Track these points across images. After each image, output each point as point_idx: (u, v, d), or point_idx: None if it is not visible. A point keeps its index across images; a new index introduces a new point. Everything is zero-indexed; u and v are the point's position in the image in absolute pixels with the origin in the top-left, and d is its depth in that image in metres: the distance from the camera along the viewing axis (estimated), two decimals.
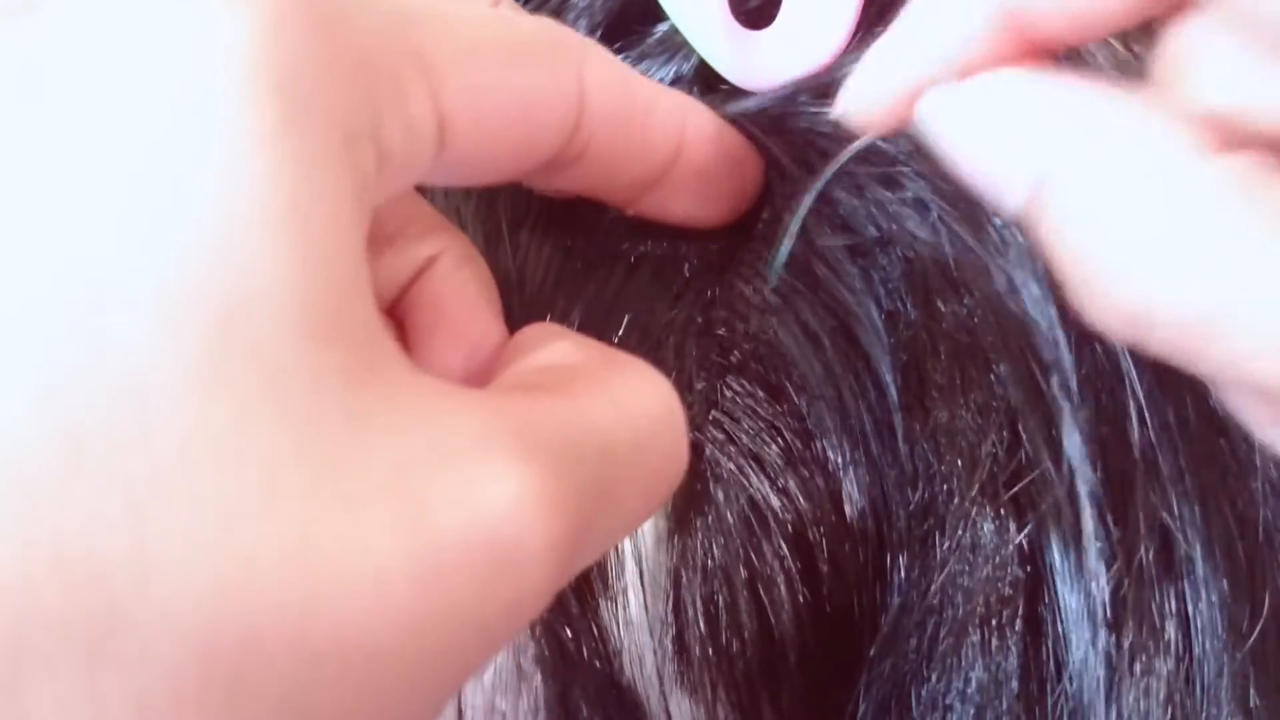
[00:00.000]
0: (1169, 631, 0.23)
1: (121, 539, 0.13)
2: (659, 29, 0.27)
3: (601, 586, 0.23)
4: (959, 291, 0.24)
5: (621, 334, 0.25)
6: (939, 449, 0.24)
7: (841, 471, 0.24)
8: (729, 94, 0.27)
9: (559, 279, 0.25)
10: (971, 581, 0.23)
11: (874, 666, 0.24)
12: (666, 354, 0.24)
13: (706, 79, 0.27)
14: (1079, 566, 0.23)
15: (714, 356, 0.25)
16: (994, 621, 0.23)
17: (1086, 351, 0.24)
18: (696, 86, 0.27)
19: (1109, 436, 0.23)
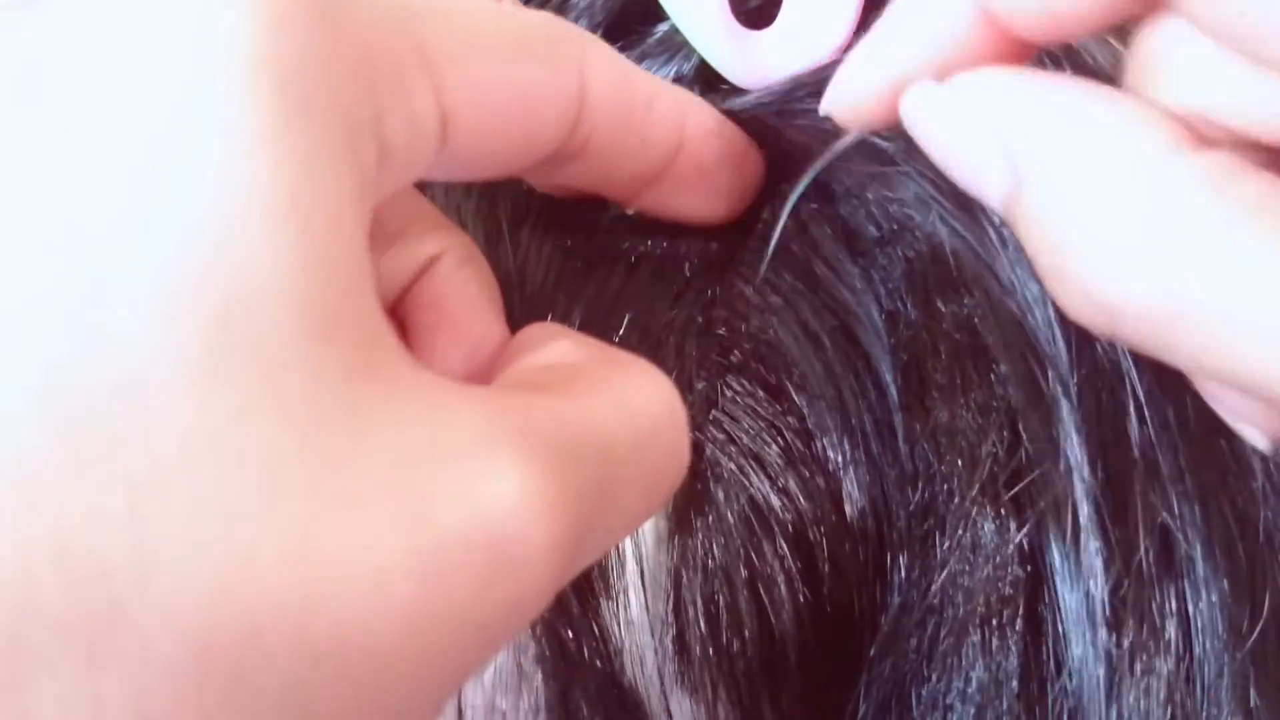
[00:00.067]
0: (1169, 631, 0.23)
1: (122, 536, 0.13)
2: (659, 29, 0.27)
3: (602, 586, 0.23)
4: (959, 291, 0.24)
5: (622, 333, 0.25)
6: (939, 449, 0.24)
7: (842, 471, 0.24)
8: (729, 93, 0.27)
9: (559, 278, 0.25)
10: (972, 581, 0.23)
11: (874, 666, 0.24)
12: (666, 354, 0.24)
13: (707, 79, 0.27)
14: (1079, 566, 0.23)
15: (714, 356, 0.25)
16: (994, 621, 0.23)
17: (1086, 351, 0.24)
18: (697, 86, 0.27)
19: (1109, 436, 0.23)
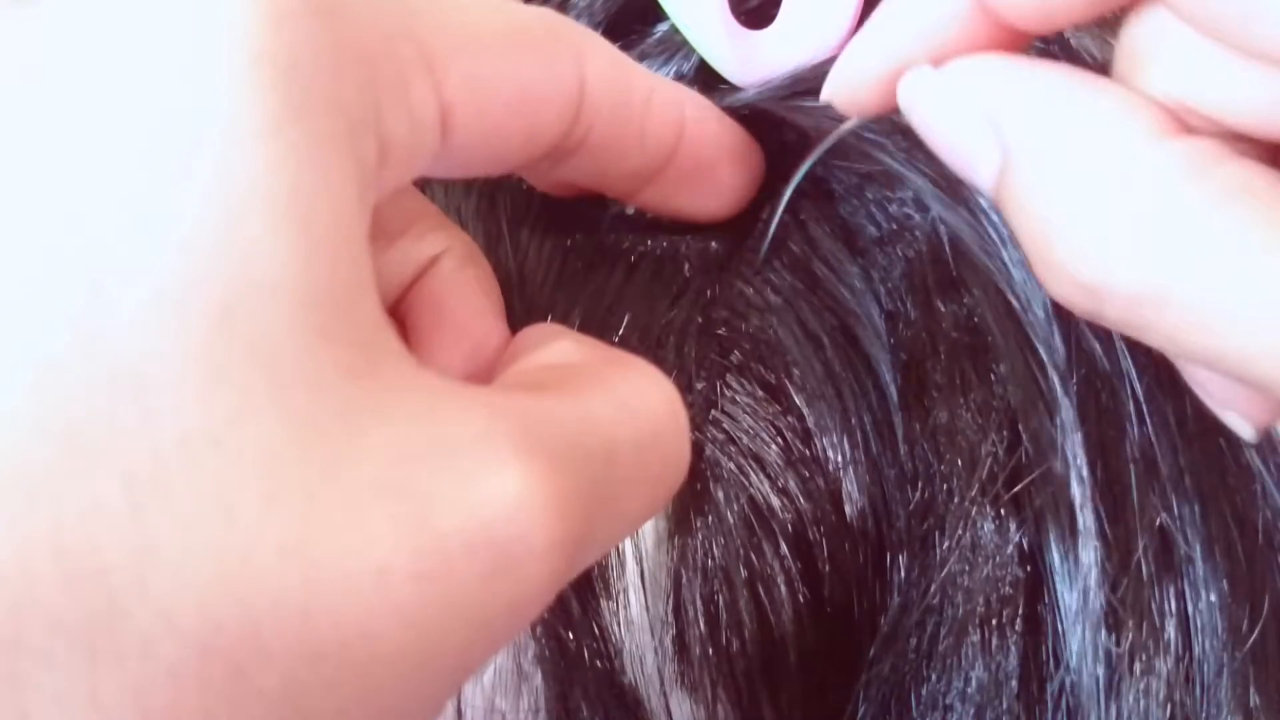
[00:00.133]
0: (1169, 631, 0.23)
1: (121, 534, 0.13)
2: (659, 29, 0.27)
3: (602, 586, 0.23)
4: (959, 291, 0.24)
5: (622, 333, 0.25)
6: (939, 448, 0.24)
7: (841, 471, 0.24)
8: (728, 92, 0.27)
9: (559, 278, 0.25)
10: (971, 581, 0.23)
11: (874, 666, 0.24)
12: (666, 354, 0.24)
13: (706, 79, 0.27)
14: (1078, 566, 0.23)
15: (714, 356, 0.25)
16: (994, 621, 0.23)
17: (1086, 351, 0.24)
18: (697, 86, 0.27)
19: (1109, 436, 0.23)
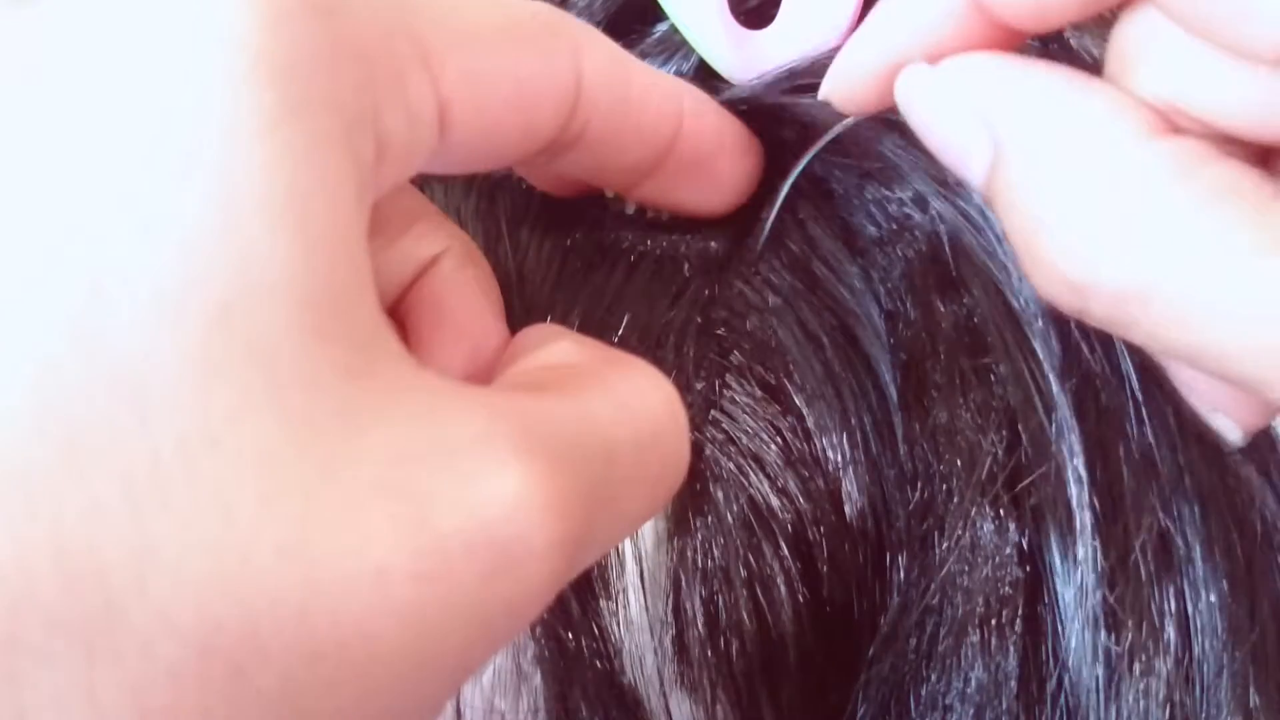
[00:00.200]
0: (1168, 631, 0.23)
1: (120, 534, 0.13)
2: (659, 29, 0.27)
3: (601, 586, 0.23)
4: (959, 291, 0.24)
5: (621, 333, 0.25)
6: (938, 448, 0.24)
7: (841, 471, 0.24)
8: (726, 89, 0.26)
9: (559, 278, 0.25)
10: (971, 581, 0.23)
11: (873, 666, 0.24)
12: (666, 354, 0.24)
13: (706, 78, 0.27)
14: (1078, 566, 0.23)
15: (714, 356, 0.25)
16: (993, 621, 0.23)
17: (1085, 350, 0.24)
18: (695, 86, 0.27)
19: (1108, 436, 0.23)
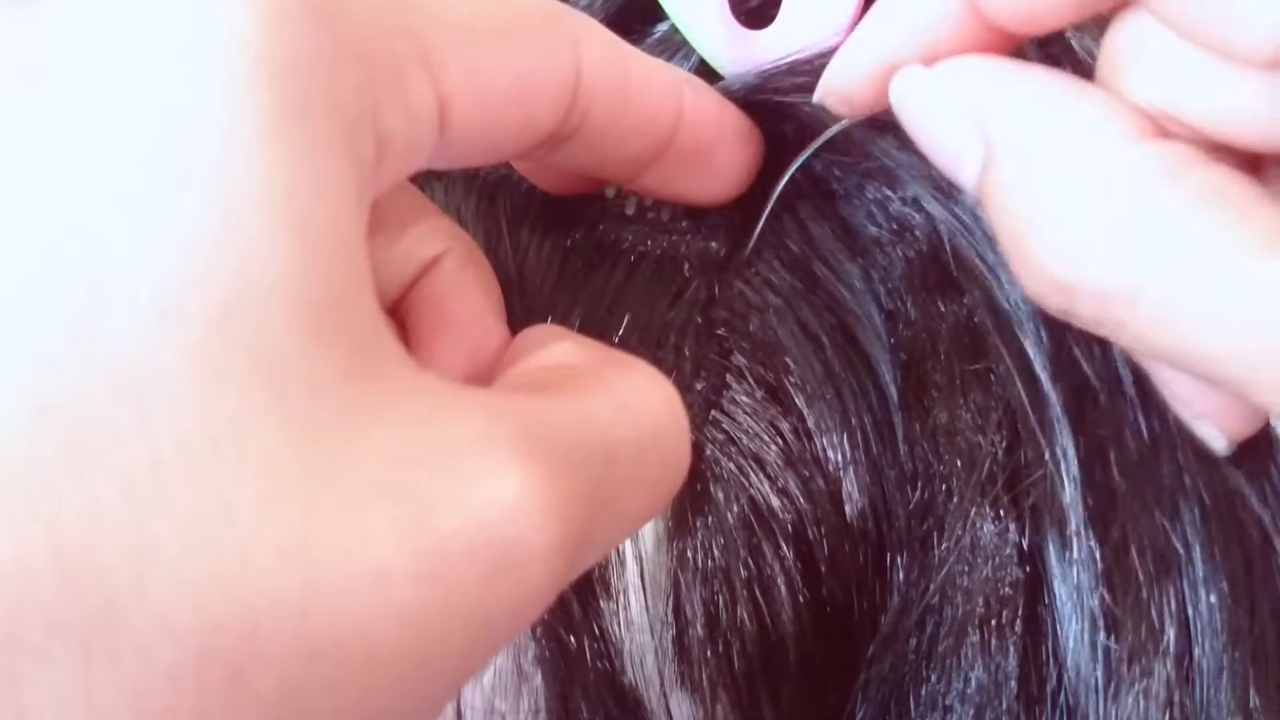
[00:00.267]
0: (1168, 632, 0.23)
1: (119, 534, 0.13)
2: (659, 29, 0.27)
3: (602, 586, 0.23)
4: (959, 291, 0.24)
5: (622, 333, 0.25)
6: (938, 449, 0.24)
7: (841, 471, 0.24)
8: (727, 84, 0.26)
9: (559, 278, 0.25)
10: (971, 581, 0.23)
11: (873, 666, 0.24)
12: (666, 354, 0.24)
13: (706, 78, 0.27)
14: (1078, 567, 0.23)
15: (714, 356, 0.25)
16: (993, 621, 0.23)
17: (1082, 350, 0.24)
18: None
19: (1106, 436, 0.23)
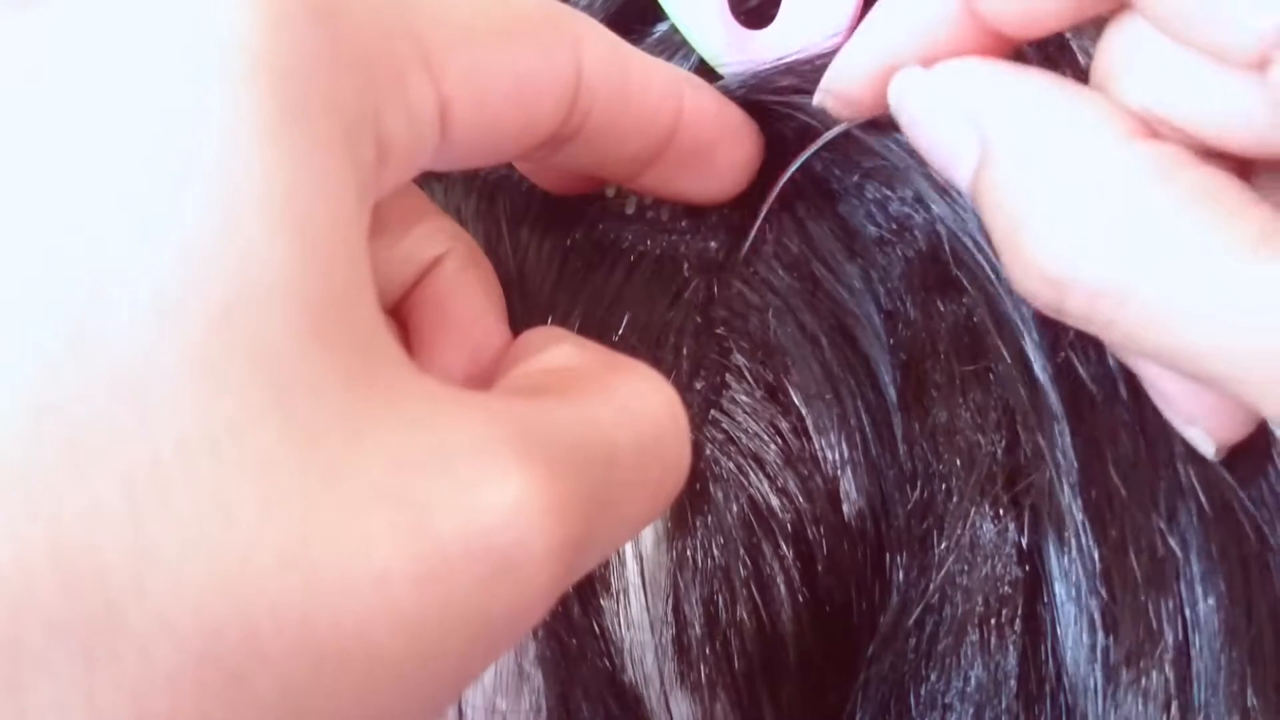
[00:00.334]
0: (1167, 632, 0.23)
1: (119, 536, 0.13)
2: (659, 29, 0.27)
3: (602, 586, 0.23)
4: (958, 291, 0.24)
5: (621, 333, 0.25)
6: (938, 448, 0.24)
7: (840, 471, 0.24)
8: (726, 84, 0.26)
9: (559, 278, 0.25)
10: (970, 581, 0.23)
11: (873, 665, 0.24)
12: (666, 353, 0.24)
13: (706, 78, 0.27)
14: (1077, 566, 0.23)
15: (714, 356, 0.25)
16: (993, 621, 0.23)
17: (1081, 350, 0.24)
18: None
19: (1105, 436, 0.23)
